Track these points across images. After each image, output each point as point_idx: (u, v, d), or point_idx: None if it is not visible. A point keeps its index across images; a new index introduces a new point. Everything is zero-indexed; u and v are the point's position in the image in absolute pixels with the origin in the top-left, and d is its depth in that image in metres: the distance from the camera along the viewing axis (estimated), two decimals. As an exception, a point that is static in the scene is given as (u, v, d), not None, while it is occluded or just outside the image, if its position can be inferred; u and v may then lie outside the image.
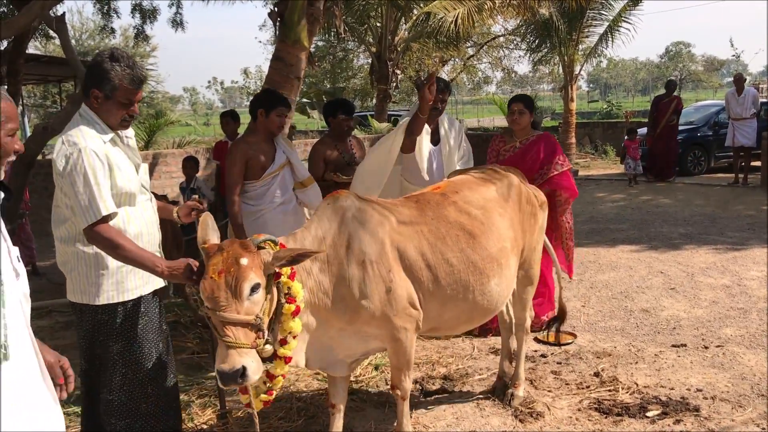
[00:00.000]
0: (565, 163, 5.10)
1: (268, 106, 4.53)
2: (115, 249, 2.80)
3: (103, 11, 13.43)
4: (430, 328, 3.49)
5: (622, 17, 17.21)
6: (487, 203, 3.66)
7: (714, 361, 4.68)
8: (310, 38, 6.60)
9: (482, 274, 3.45)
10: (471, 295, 3.42)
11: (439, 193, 3.62)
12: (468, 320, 3.63)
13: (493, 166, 4.13)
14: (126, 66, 2.90)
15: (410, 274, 3.23)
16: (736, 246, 8.00)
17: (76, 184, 2.80)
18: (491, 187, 3.80)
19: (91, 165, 2.82)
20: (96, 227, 2.81)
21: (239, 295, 2.53)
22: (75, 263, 3.00)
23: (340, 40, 21.85)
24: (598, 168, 17.38)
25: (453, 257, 3.35)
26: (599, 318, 5.70)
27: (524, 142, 5.17)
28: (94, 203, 2.80)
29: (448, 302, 3.37)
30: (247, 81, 41.90)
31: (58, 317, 6.17)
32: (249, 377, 2.52)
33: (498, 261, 3.54)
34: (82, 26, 34.30)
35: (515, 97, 5.34)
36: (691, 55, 72.55)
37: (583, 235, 8.77)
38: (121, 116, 2.97)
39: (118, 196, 2.92)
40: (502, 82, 41.85)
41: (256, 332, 2.58)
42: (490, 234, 3.54)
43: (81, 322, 3.07)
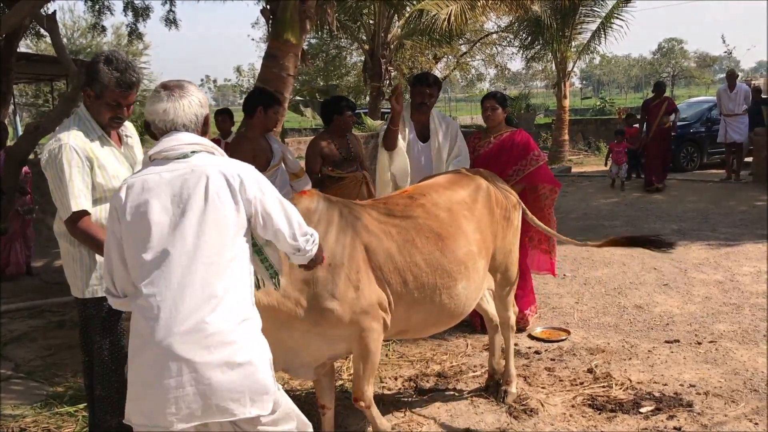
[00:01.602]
0: (540, 157, 5.11)
1: (266, 103, 4.73)
2: (95, 244, 2.86)
3: (95, 9, 13.38)
4: (398, 330, 3.45)
5: (615, 14, 17.23)
6: (453, 206, 3.62)
7: (707, 356, 4.70)
8: (303, 36, 6.60)
9: (450, 277, 3.42)
10: (438, 298, 3.39)
11: (407, 196, 3.60)
12: (436, 323, 3.60)
13: (461, 169, 4.10)
14: (115, 69, 2.94)
15: (378, 276, 3.19)
16: (728, 242, 8.03)
17: (55, 179, 2.90)
18: (459, 191, 3.75)
19: (68, 161, 2.88)
20: (77, 223, 2.87)
21: None
22: (65, 257, 3.10)
23: (333, 37, 21.85)
24: (591, 165, 17.40)
25: (421, 260, 3.32)
26: (593, 314, 5.71)
27: (498, 138, 5.19)
28: (66, 200, 2.87)
29: (416, 305, 3.33)
30: (240, 79, 41.79)
31: (50, 317, 6.14)
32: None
33: (465, 264, 3.51)
34: (74, 24, 34.14)
35: (487, 94, 5.38)
36: (684, 52, 72.56)
37: (577, 231, 8.78)
38: (109, 117, 3.04)
39: (101, 193, 2.97)
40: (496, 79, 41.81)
41: None
42: (457, 237, 3.51)
43: (79, 317, 3.16)
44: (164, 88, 2.37)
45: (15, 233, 7.55)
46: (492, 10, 14.58)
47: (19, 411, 4.15)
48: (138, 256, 2.22)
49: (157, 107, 2.34)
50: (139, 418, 2.24)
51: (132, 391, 2.24)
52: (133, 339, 2.25)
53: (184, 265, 2.18)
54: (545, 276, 6.08)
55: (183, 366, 2.14)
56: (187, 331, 2.15)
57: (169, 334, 2.14)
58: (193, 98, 2.36)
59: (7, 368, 4.93)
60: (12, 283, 7.30)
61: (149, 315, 2.17)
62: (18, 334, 5.69)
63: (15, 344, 5.46)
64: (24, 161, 6.84)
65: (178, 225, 2.20)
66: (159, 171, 2.27)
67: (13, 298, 6.66)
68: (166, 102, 2.33)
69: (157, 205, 2.22)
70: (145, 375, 2.19)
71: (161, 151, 2.30)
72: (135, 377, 2.23)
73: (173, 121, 2.33)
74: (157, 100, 2.34)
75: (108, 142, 3.06)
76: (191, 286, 2.18)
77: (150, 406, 2.19)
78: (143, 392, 2.21)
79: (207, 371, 2.16)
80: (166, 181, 2.24)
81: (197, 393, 2.16)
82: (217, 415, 2.19)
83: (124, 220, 2.25)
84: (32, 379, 4.73)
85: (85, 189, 2.90)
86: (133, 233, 2.24)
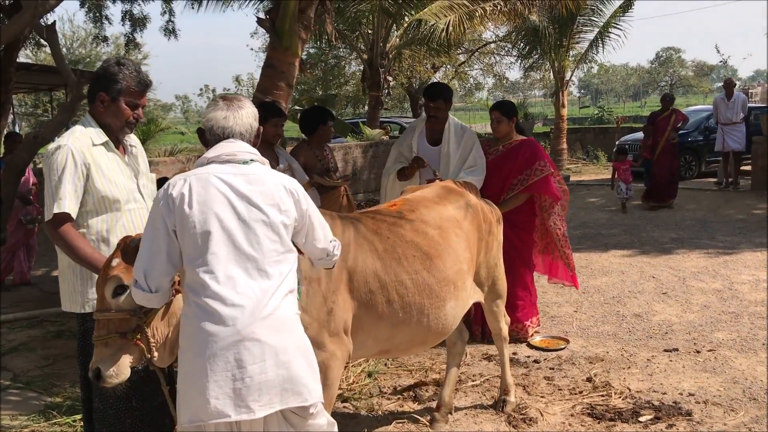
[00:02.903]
0: (544, 169, 5.08)
1: (265, 116, 4.64)
2: (70, 250, 2.85)
3: (94, 19, 13.42)
4: (380, 350, 3.35)
5: (612, 23, 17.31)
6: (443, 223, 3.53)
7: (706, 365, 4.69)
8: (302, 45, 6.61)
9: (438, 298, 3.31)
10: (425, 318, 3.27)
11: (395, 211, 3.48)
12: (421, 343, 3.48)
13: (449, 183, 4.01)
14: (134, 70, 3.01)
15: (361, 294, 3.05)
16: (727, 250, 8.04)
17: (47, 179, 2.89)
18: (448, 206, 3.66)
19: (62, 162, 2.86)
20: (58, 226, 2.84)
21: (104, 295, 2.45)
22: (64, 270, 3.05)
23: (332, 47, 21.90)
24: (590, 173, 17.45)
25: (408, 279, 3.20)
26: (592, 323, 5.71)
27: (507, 146, 5.22)
28: (51, 200, 2.85)
29: (400, 325, 3.21)
30: (240, 88, 41.85)
31: (49, 327, 6.14)
32: (104, 379, 2.39)
33: (455, 283, 3.42)
34: (73, 34, 34.18)
35: (494, 104, 5.43)
36: (682, 61, 72.86)
37: (575, 240, 8.78)
38: (126, 119, 3.03)
39: (98, 200, 2.94)
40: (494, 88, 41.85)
41: (133, 333, 2.41)
42: (446, 255, 3.41)
43: (78, 330, 3.12)
44: (223, 99, 2.54)
45: (18, 242, 7.57)
46: (490, 20, 14.61)
47: (17, 421, 4.15)
48: (204, 249, 2.28)
49: (217, 114, 2.47)
50: (214, 413, 2.21)
51: (202, 386, 2.21)
52: (199, 331, 2.24)
53: (253, 260, 2.30)
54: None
55: (266, 350, 2.24)
56: (266, 317, 2.26)
57: (252, 321, 2.23)
58: (249, 110, 2.52)
59: (6, 378, 4.92)
60: (11, 293, 7.30)
61: (224, 306, 2.23)
62: (16, 344, 5.69)
63: (13, 354, 5.46)
64: (23, 171, 6.84)
65: (249, 225, 2.32)
66: (222, 171, 2.37)
67: (12, 308, 6.66)
68: (226, 110, 2.48)
69: (224, 203, 2.31)
70: (222, 365, 2.21)
71: (222, 155, 2.40)
72: (205, 372, 2.21)
73: (231, 129, 2.46)
74: (217, 109, 2.49)
75: (112, 149, 3.04)
76: (262, 279, 2.30)
77: (229, 396, 2.20)
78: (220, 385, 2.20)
79: (285, 355, 2.28)
80: (230, 181, 2.34)
81: (278, 377, 2.26)
82: (292, 399, 2.30)
83: (185, 212, 2.29)
84: (30, 389, 4.72)
85: (74, 193, 2.86)
86: (197, 226, 2.29)
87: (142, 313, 2.43)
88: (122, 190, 3.02)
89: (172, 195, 2.32)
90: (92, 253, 2.86)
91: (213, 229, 2.28)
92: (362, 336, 3.10)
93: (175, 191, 2.33)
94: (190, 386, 2.26)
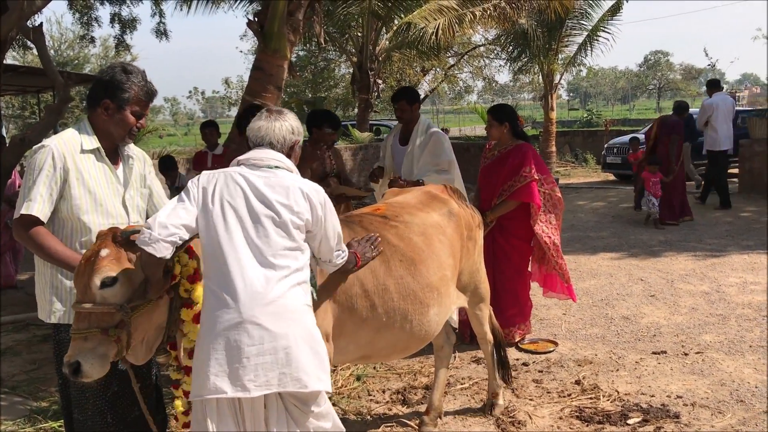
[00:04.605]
0: (528, 175, 5.02)
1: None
2: (40, 249, 2.78)
3: (82, 21, 13.34)
4: (362, 355, 3.33)
5: (601, 27, 17.43)
6: (427, 229, 3.53)
7: (694, 367, 4.71)
8: (291, 48, 6.60)
9: (421, 303, 3.30)
10: (408, 324, 3.25)
11: (380, 216, 3.47)
12: (404, 349, 3.47)
13: (432, 188, 4.01)
14: (141, 78, 2.96)
15: (343, 299, 3.03)
16: (714, 253, 8.09)
17: (25, 177, 2.84)
18: (432, 213, 3.67)
19: (40, 164, 2.80)
20: (24, 227, 2.77)
21: (89, 286, 2.43)
22: (37, 276, 2.98)
23: (321, 49, 21.89)
24: (579, 176, 17.53)
25: (392, 284, 3.19)
26: (580, 326, 5.73)
27: (501, 151, 5.22)
28: (21, 200, 2.78)
29: (383, 330, 3.19)
30: (229, 91, 41.76)
31: (35, 330, 6.08)
32: (84, 373, 2.37)
33: (438, 289, 3.42)
34: (61, 36, 33.90)
35: (488, 108, 5.44)
36: (670, 64, 73.31)
37: (564, 243, 8.74)
38: (130, 127, 2.97)
39: (74, 206, 2.86)
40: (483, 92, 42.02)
41: (115, 329, 2.41)
42: (430, 261, 3.42)
43: (52, 341, 3.05)
44: (267, 111, 2.77)
45: (5, 245, 7.50)
46: (479, 23, 14.66)
47: (2, 426, 4.10)
48: (219, 238, 2.46)
49: (255, 124, 2.72)
50: (212, 389, 2.35)
51: (205, 364, 2.37)
52: (209, 315, 2.42)
53: (261, 250, 2.46)
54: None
55: (265, 335, 2.37)
56: (268, 303, 2.39)
57: (253, 306, 2.37)
58: (285, 124, 2.72)
59: (-9, 383, 4.88)
60: (-4, 297, 7.24)
61: (230, 291, 2.39)
62: (2, 348, 5.63)
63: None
64: (9, 174, 6.78)
65: (259, 219, 2.49)
66: (248, 173, 2.58)
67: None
68: (263, 121, 2.72)
69: (241, 197, 2.52)
70: (224, 345, 2.36)
71: (250, 159, 2.63)
72: (209, 350, 2.38)
73: (263, 138, 2.69)
74: (258, 119, 2.73)
75: (103, 159, 2.95)
76: (267, 268, 2.44)
77: (227, 374, 2.34)
78: (220, 363, 2.35)
79: (285, 341, 2.38)
80: (251, 179, 2.55)
81: (275, 362, 2.36)
82: (290, 385, 2.38)
83: (207, 204, 2.51)
84: (16, 393, 4.68)
85: (48, 197, 2.79)
86: (215, 216, 2.49)
87: (128, 308, 2.43)
88: (103, 201, 2.92)
89: (200, 185, 2.56)
90: (64, 250, 2.78)
91: (229, 220, 2.48)
92: (344, 341, 3.07)
93: (203, 183, 2.57)
94: (198, 364, 2.42)
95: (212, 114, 69.46)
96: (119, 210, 2.99)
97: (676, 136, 10.26)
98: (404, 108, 5.42)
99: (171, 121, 63.20)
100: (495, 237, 5.15)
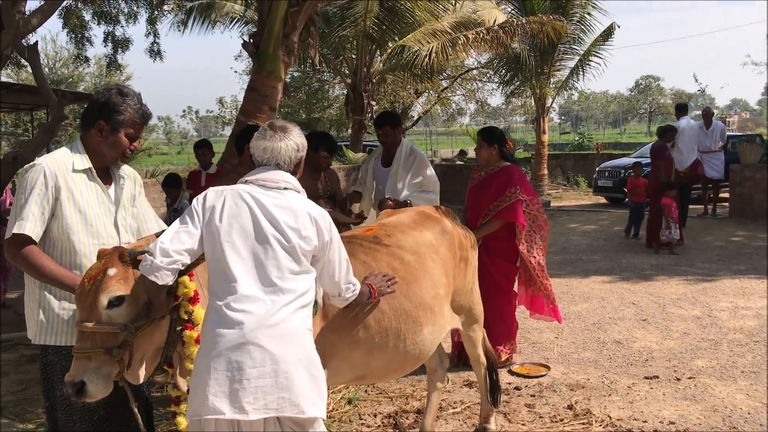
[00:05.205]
0: (513, 195, 5.09)
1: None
2: (33, 269, 2.75)
3: (76, 40, 13.38)
4: (356, 376, 3.30)
5: (593, 52, 17.60)
6: (420, 248, 3.53)
7: (686, 393, 4.70)
8: (285, 69, 6.64)
9: (415, 323, 3.28)
10: (402, 344, 3.23)
11: (372, 236, 3.46)
12: (398, 369, 3.44)
13: (425, 209, 4.03)
14: (137, 101, 2.96)
15: (336, 319, 3.01)
16: (706, 277, 8.11)
17: (17, 195, 2.81)
18: (425, 232, 3.67)
19: (32, 182, 2.78)
20: (16, 246, 2.74)
21: (95, 305, 2.41)
22: (26, 295, 2.95)
23: (316, 71, 21.98)
24: (570, 199, 17.60)
25: (384, 303, 3.15)
26: (573, 350, 5.71)
27: (488, 172, 5.27)
28: (13, 219, 2.76)
29: (376, 350, 3.16)
30: (223, 110, 41.80)
31: (23, 350, 6.02)
32: (88, 393, 2.35)
33: (432, 308, 3.41)
34: (56, 54, 33.96)
35: (479, 130, 5.55)
36: (660, 89, 74.02)
37: (556, 266, 8.82)
38: (124, 149, 2.96)
39: (64, 226, 2.83)
40: (476, 114, 42.23)
41: (118, 349, 2.40)
42: (423, 280, 3.41)
43: (40, 363, 2.99)
44: (270, 128, 2.70)
45: None
46: (472, 47, 14.76)
47: (-13, 448, 4.05)
48: (226, 257, 2.45)
49: (259, 143, 2.67)
50: (211, 409, 2.33)
51: (204, 383, 2.35)
52: (211, 333, 2.39)
53: (268, 273, 2.45)
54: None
55: (267, 357, 2.35)
56: (272, 325, 2.38)
57: (257, 327, 2.35)
58: (290, 143, 2.67)
59: (-23, 404, 4.81)
60: (-16, 316, 7.17)
61: (235, 311, 2.37)
62: (-11, 368, 5.57)
63: (-14, 379, 5.34)
64: (0, 192, 6.76)
65: (268, 240, 2.48)
66: (257, 192, 2.57)
67: (-14, 331, 6.52)
68: (268, 141, 2.65)
69: (250, 218, 2.51)
70: (225, 365, 2.34)
71: (259, 179, 2.61)
72: (210, 369, 2.35)
73: (269, 160, 2.65)
74: (262, 138, 2.67)
75: (95, 179, 2.93)
76: (274, 291, 2.43)
77: (226, 394, 2.32)
78: (220, 383, 2.33)
79: (286, 365, 2.36)
80: (261, 199, 2.54)
81: (275, 385, 2.34)
82: (288, 409, 2.37)
83: (215, 222, 2.49)
84: (3, 415, 4.61)
85: (40, 216, 2.76)
86: (223, 236, 2.47)
87: (133, 328, 2.42)
88: (90, 223, 2.89)
89: (207, 203, 2.54)
90: (58, 269, 2.76)
91: (236, 240, 2.46)
92: (337, 361, 3.03)
93: (209, 201, 2.55)
94: (197, 382, 2.39)
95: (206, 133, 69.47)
96: (110, 231, 2.97)
97: (661, 162, 10.36)
98: (388, 132, 5.53)
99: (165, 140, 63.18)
100: (480, 256, 5.15)
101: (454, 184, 14.72)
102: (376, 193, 5.64)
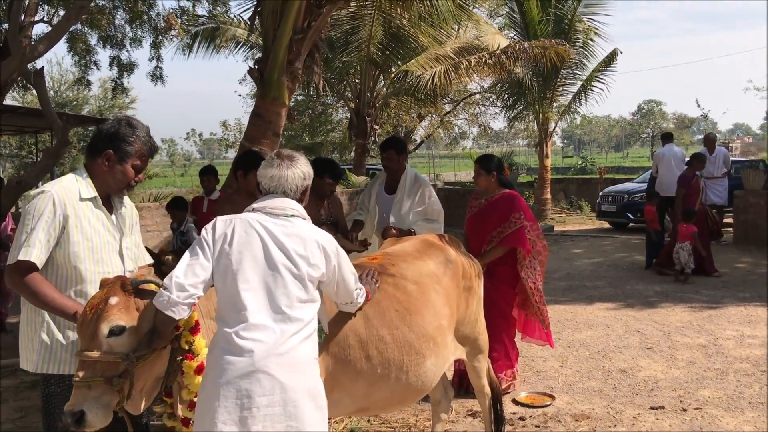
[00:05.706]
0: (518, 221, 5.11)
1: (246, 167, 4.65)
2: (35, 296, 2.74)
3: (81, 64, 13.48)
4: (358, 408, 3.27)
5: (595, 77, 17.68)
6: (423, 278, 3.50)
7: (693, 424, 4.64)
8: (289, 95, 6.66)
9: (418, 354, 3.24)
10: (405, 375, 3.19)
11: (375, 266, 3.42)
12: (401, 400, 3.40)
13: (429, 237, 4.01)
14: (146, 134, 3.00)
15: (338, 350, 2.98)
16: (711, 304, 8.05)
17: (23, 221, 2.80)
18: (428, 261, 3.64)
19: (40, 209, 2.77)
20: (20, 274, 2.72)
21: (96, 334, 2.40)
22: (23, 324, 2.93)
23: (319, 95, 22.10)
24: (573, 223, 17.55)
25: (387, 334, 3.14)
26: (577, 378, 5.65)
27: (488, 200, 5.27)
28: (18, 244, 2.74)
29: (379, 382, 3.13)
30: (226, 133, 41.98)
31: (23, 377, 5.95)
32: (87, 423, 2.33)
33: (435, 339, 3.37)
34: (61, 77, 34.18)
35: (477, 158, 5.52)
36: (663, 113, 74.25)
37: (560, 292, 8.77)
38: (129, 180, 2.98)
39: (71, 254, 2.83)
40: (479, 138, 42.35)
41: (119, 379, 2.40)
42: (426, 311, 3.37)
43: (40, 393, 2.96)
44: (278, 157, 2.75)
45: None
46: (475, 72, 14.86)
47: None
48: (237, 285, 2.47)
49: (266, 172, 2.71)
50: None
51: (212, 410, 2.37)
52: (219, 360, 2.40)
53: (278, 302, 2.48)
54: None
55: (276, 385, 2.38)
56: (281, 354, 2.41)
57: (267, 356, 2.38)
58: (297, 171, 2.72)
59: (-24, 431, 4.77)
60: (-15, 340, 7.13)
61: (245, 339, 2.39)
62: (-11, 394, 5.52)
63: (-15, 405, 5.29)
64: (3, 217, 6.76)
65: (277, 268, 2.51)
66: (265, 220, 2.60)
67: (-14, 356, 6.48)
68: (275, 169, 2.70)
69: (260, 247, 2.53)
70: (234, 393, 2.36)
71: (266, 207, 2.65)
72: (218, 396, 2.37)
73: (276, 188, 2.70)
74: (269, 166, 2.72)
75: (100, 207, 2.94)
76: (284, 320, 2.46)
77: (236, 422, 2.35)
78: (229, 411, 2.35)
79: (294, 394, 2.40)
80: (270, 228, 2.57)
81: (283, 413, 2.38)
82: None
83: (225, 250, 2.52)
84: (1, 443, 4.57)
85: (46, 243, 2.76)
86: (234, 264, 2.49)
87: (134, 358, 2.42)
88: (96, 251, 2.89)
89: (216, 232, 2.57)
90: (61, 297, 2.75)
91: (247, 269, 2.49)
92: (338, 394, 3.00)
93: (219, 230, 2.57)
94: (204, 408, 2.40)
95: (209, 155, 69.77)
96: (115, 258, 2.98)
97: (682, 189, 10.19)
98: (392, 157, 5.51)
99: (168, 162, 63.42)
100: (483, 282, 5.15)
101: (457, 208, 14.71)
102: (379, 219, 5.61)
